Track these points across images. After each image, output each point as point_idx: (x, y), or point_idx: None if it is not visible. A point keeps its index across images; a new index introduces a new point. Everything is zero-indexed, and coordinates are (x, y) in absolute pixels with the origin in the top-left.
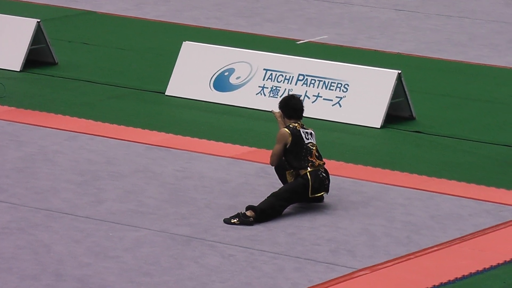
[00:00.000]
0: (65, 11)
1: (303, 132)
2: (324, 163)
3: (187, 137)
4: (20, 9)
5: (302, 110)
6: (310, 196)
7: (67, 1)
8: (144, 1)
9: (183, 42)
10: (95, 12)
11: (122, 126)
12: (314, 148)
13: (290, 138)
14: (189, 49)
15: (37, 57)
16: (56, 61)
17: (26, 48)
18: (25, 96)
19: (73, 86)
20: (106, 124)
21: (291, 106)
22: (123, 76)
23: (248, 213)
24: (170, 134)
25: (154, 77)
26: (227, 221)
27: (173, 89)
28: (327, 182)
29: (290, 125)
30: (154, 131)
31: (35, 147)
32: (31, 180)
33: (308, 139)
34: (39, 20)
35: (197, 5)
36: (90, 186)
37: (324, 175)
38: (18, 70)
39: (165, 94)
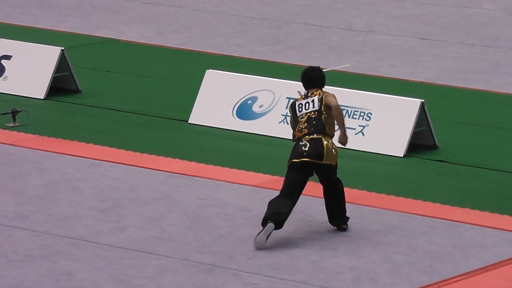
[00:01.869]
0: (89, 39)
1: (298, 104)
2: (309, 134)
3: (210, 165)
4: (44, 37)
5: (310, 80)
6: (287, 166)
7: (91, 29)
8: (167, 29)
9: (206, 70)
10: (118, 40)
11: (145, 154)
12: (303, 119)
13: (290, 112)
14: (212, 77)
15: (61, 84)
16: (80, 89)
17: (50, 75)
18: (48, 124)
19: (96, 113)
20: (129, 151)
21: (301, 76)
22: (146, 104)
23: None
24: (193, 162)
25: (177, 105)
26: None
27: (196, 117)
28: (306, 149)
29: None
30: (176, 159)
31: (58, 174)
32: (53, 207)
33: (300, 111)
34: (63, 48)
35: (219, 33)
36: (112, 213)
37: (302, 143)
38: (42, 98)
39: (188, 122)
